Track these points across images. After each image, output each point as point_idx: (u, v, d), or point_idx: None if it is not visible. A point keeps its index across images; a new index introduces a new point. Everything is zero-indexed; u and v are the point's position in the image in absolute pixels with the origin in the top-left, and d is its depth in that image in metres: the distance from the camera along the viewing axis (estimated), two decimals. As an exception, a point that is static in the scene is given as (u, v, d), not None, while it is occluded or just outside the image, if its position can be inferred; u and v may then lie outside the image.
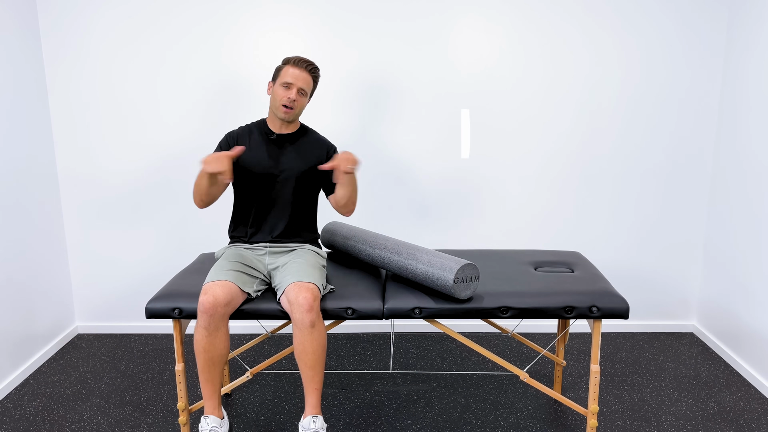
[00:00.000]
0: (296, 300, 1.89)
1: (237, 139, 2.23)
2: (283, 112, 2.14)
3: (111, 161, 3.00)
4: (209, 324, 1.91)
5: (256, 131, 2.24)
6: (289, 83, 2.12)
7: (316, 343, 1.92)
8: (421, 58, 2.88)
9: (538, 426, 2.30)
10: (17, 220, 2.71)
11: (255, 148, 2.20)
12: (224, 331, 1.95)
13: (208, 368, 1.97)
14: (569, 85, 2.90)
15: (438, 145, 2.97)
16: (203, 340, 1.93)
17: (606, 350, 2.95)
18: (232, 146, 2.23)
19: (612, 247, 3.07)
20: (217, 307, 1.90)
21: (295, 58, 2.14)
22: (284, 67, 2.14)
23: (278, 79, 2.15)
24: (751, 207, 2.65)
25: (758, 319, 2.59)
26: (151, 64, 2.90)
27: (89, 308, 3.19)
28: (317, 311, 1.91)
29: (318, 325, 1.91)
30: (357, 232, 2.33)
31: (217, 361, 1.97)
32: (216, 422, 1.98)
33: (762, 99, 2.56)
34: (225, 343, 1.97)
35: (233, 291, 1.94)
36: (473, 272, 1.93)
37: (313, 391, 1.97)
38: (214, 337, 1.93)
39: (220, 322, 1.92)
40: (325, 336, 1.96)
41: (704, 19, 2.82)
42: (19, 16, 2.72)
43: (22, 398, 2.53)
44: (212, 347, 1.94)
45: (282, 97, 2.13)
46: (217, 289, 1.92)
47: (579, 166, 2.98)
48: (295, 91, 2.13)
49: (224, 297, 1.91)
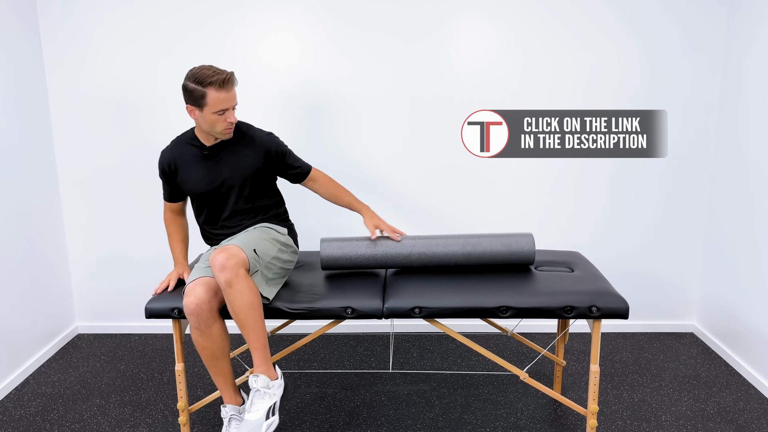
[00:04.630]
0: (212, 263, 1.87)
1: (173, 164, 2.16)
2: (227, 134, 2.08)
3: (111, 161, 3.00)
4: (199, 324, 1.91)
5: (186, 148, 2.16)
6: (223, 110, 2.00)
7: (238, 302, 1.86)
8: (421, 59, 2.88)
9: (538, 426, 2.30)
10: (17, 220, 2.71)
11: (191, 167, 2.14)
12: (218, 326, 1.95)
13: (212, 363, 1.98)
14: (569, 85, 2.90)
15: (437, 146, 2.96)
16: (199, 340, 1.94)
17: (606, 350, 2.95)
18: (170, 173, 2.18)
19: (612, 247, 3.06)
20: (202, 305, 1.89)
21: (216, 80, 1.96)
22: (205, 92, 1.97)
23: (204, 106, 1.98)
24: (751, 207, 2.65)
25: (758, 319, 2.59)
26: (151, 64, 2.90)
27: (89, 308, 3.19)
28: (233, 270, 1.83)
29: (236, 283, 1.84)
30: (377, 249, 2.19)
31: (218, 355, 1.97)
32: (234, 410, 1.99)
33: (762, 98, 2.56)
34: (222, 336, 1.96)
35: (214, 286, 1.94)
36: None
37: (253, 350, 1.93)
38: (208, 334, 1.93)
39: (209, 319, 1.92)
40: (251, 294, 1.88)
41: (704, 18, 2.82)
42: (19, 16, 2.72)
43: (22, 398, 2.53)
44: (209, 344, 1.94)
45: (221, 124, 2.02)
46: (197, 288, 1.91)
47: (579, 166, 2.98)
48: (232, 112, 2.02)
49: (206, 294, 1.90)
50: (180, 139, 2.21)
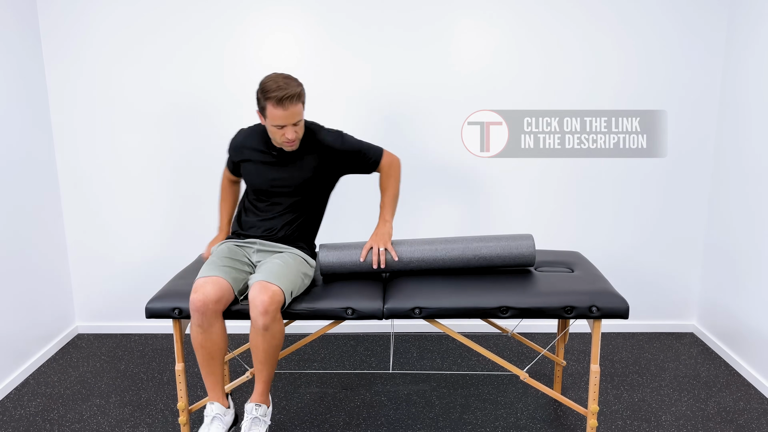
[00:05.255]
0: (254, 301, 1.87)
1: (242, 149, 2.20)
2: (288, 147, 2.07)
3: (111, 161, 3.00)
4: (202, 322, 1.91)
5: (257, 141, 2.17)
6: (281, 125, 1.98)
7: (267, 344, 1.91)
8: (421, 59, 2.88)
9: (538, 426, 2.30)
10: (17, 220, 2.71)
11: (255, 160, 2.16)
12: (219, 326, 1.95)
13: (207, 362, 1.98)
14: (569, 86, 2.90)
15: (437, 146, 2.96)
16: (198, 337, 1.94)
17: (606, 350, 2.95)
18: (236, 154, 2.22)
19: (612, 247, 3.06)
20: (208, 305, 1.89)
21: (274, 96, 1.92)
22: (267, 105, 1.95)
23: (267, 117, 1.99)
24: (751, 207, 2.65)
25: (758, 319, 2.59)
26: (151, 64, 2.90)
27: (89, 308, 3.19)
28: (273, 315, 1.87)
29: (272, 327, 1.88)
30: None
31: (215, 355, 1.97)
32: (220, 409, 2.00)
33: (762, 98, 2.56)
34: (221, 337, 1.97)
35: (224, 287, 1.94)
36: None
37: (261, 382, 1.98)
38: (209, 333, 1.93)
39: (213, 319, 1.92)
40: (281, 337, 1.94)
41: (704, 19, 2.82)
42: (19, 16, 2.72)
43: (22, 398, 2.53)
44: (209, 343, 1.95)
45: (279, 138, 2.02)
46: (207, 286, 1.91)
47: (579, 166, 2.98)
48: (291, 129, 2.00)
49: (215, 294, 1.90)
50: (258, 128, 2.20)
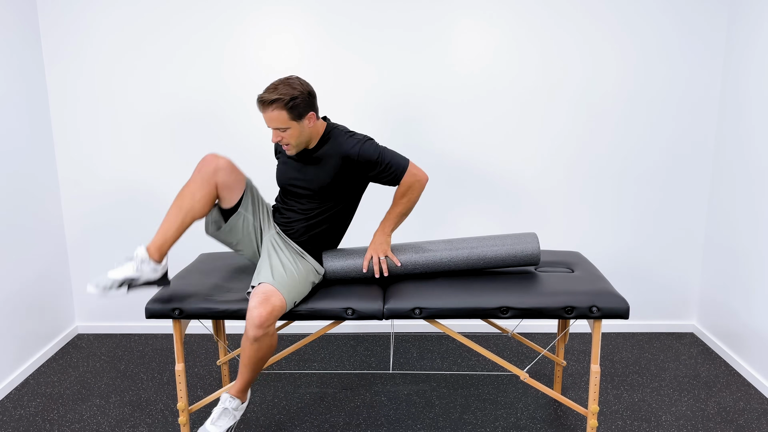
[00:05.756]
0: (251, 311, 1.85)
1: (278, 145, 2.22)
2: (286, 150, 2.05)
3: (111, 162, 3.00)
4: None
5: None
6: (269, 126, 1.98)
7: (254, 354, 1.90)
8: (421, 60, 2.88)
9: (538, 426, 2.30)
10: (18, 221, 2.71)
11: (283, 157, 2.17)
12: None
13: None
14: (569, 86, 2.90)
15: (437, 146, 2.97)
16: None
17: (606, 350, 2.95)
18: (278, 152, 2.23)
19: (612, 247, 3.07)
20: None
21: (258, 97, 1.92)
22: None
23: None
24: (751, 207, 2.65)
25: (758, 319, 2.59)
26: (151, 63, 2.90)
27: (89, 308, 3.19)
28: (266, 330, 1.85)
29: (262, 340, 1.87)
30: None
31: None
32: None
33: (762, 98, 2.56)
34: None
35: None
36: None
37: (244, 380, 1.96)
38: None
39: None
40: (268, 350, 1.91)
41: (704, 19, 2.82)
42: (19, 16, 2.72)
43: (22, 398, 2.53)
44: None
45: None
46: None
47: (579, 166, 2.98)
48: (275, 132, 1.97)
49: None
50: None
